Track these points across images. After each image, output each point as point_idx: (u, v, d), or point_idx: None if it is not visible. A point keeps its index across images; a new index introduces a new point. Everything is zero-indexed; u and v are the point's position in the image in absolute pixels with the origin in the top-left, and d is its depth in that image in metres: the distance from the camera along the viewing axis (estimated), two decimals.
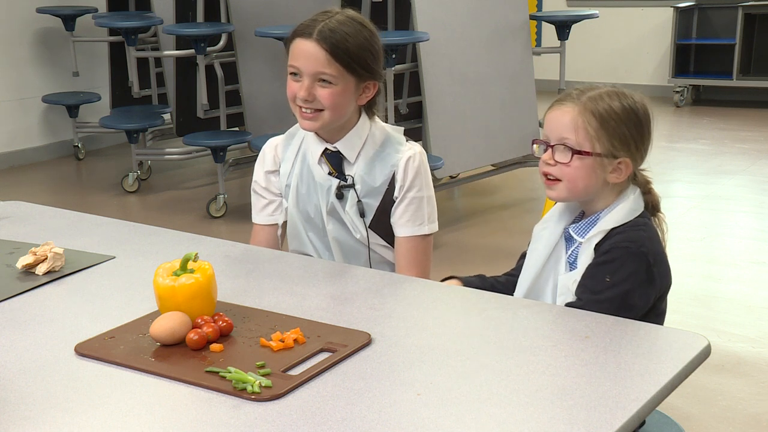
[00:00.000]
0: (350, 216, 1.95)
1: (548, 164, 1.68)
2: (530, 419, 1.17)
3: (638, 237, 1.63)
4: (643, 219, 1.68)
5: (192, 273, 1.45)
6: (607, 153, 1.65)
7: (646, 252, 1.62)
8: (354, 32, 1.87)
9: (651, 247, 1.64)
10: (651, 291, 1.64)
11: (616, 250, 1.62)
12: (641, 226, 1.66)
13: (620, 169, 1.66)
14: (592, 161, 1.64)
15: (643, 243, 1.63)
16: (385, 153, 1.95)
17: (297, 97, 1.88)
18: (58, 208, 2.23)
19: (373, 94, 1.95)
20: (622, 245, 1.62)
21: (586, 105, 1.66)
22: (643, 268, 1.62)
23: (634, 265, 1.61)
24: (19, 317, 1.55)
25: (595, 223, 1.68)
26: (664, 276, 1.67)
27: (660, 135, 6.79)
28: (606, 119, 1.65)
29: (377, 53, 1.92)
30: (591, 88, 1.71)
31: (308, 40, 1.86)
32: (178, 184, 5.63)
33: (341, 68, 1.86)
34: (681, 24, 7.68)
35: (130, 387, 1.29)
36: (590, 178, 1.65)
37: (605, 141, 1.64)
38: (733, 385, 2.87)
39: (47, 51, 6.21)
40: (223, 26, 5.13)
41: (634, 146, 1.68)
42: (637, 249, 1.62)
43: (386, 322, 1.49)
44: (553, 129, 1.68)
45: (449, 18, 4.69)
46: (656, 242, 1.67)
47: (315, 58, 1.85)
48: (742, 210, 4.83)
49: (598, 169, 1.65)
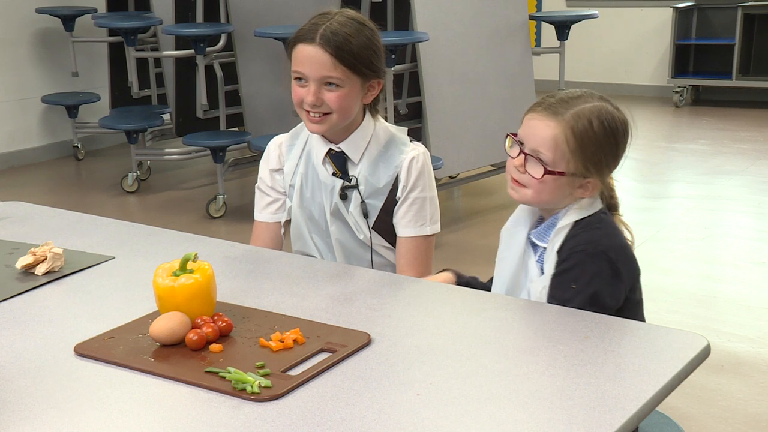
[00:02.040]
0: (354, 217, 1.95)
1: (518, 170, 1.66)
2: (530, 419, 1.17)
3: (594, 237, 1.62)
4: (598, 215, 1.66)
5: (191, 273, 1.45)
6: (579, 173, 1.63)
7: (605, 249, 1.60)
8: (355, 32, 1.87)
9: (609, 243, 1.62)
10: (619, 287, 1.62)
11: (574, 255, 1.61)
12: (595, 224, 1.64)
13: (588, 187, 1.65)
14: (562, 179, 1.63)
15: (600, 241, 1.61)
16: (389, 154, 1.95)
17: (305, 102, 1.88)
18: (58, 209, 2.22)
19: (378, 92, 1.95)
20: (579, 249, 1.61)
21: (569, 122, 1.62)
22: (606, 267, 1.60)
23: (595, 266, 1.59)
24: (18, 317, 1.55)
25: (554, 225, 1.66)
26: (629, 268, 1.64)
27: (660, 135, 6.81)
28: (585, 143, 1.62)
29: (379, 51, 1.92)
30: (577, 98, 1.66)
31: (311, 45, 1.85)
32: (178, 184, 5.63)
33: (347, 70, 1.85)
34: (680, 24, 7.69)
35: (130, 387, 1.29)
36: (557, 193, 1.64)
37: (580, 163, 1.62)
38: (732, 386, 2.87)
39: (47, 51, 6.20)
40: (223, 26, 5.13)
41: (607, 169, 1.67)
42: (594, 249, 1.60)
43: (386, 322, 1.49)
44: (530, 136, 1.65)
45: (449, 18, 4.69)
46: (614, 236, 1.65)
47: (320, 62, 1.85)
48: (742, 210, 4.83)
49: (566, 186, 1.64)
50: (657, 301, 3.58)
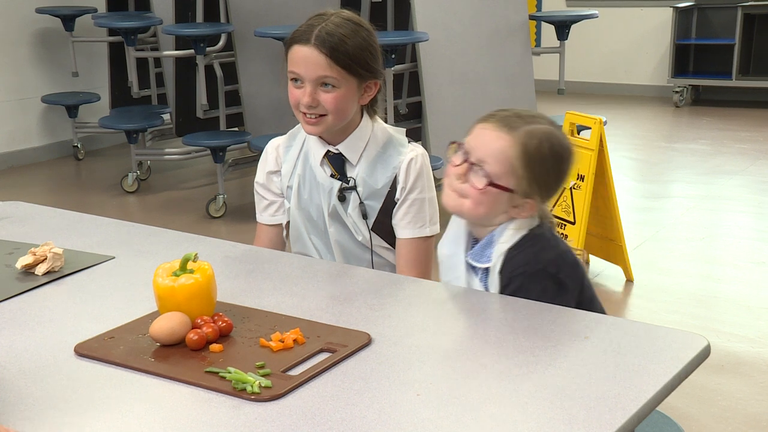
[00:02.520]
0: (353, 218, 1.95)
1: (458, 179, 1.63)
2: (530, 419, 1.17)
3: (529, 256, 1.60)
4: (530, 233, 1.63)
5: (192, 273, 1.45)
6: (521, 192, 1.61)
7: (544, 266, 1.59)
8: (351, 33, 1.87)
9: (546, 257, 1.60)
10: (566, 296, 1.60)
11: (516, 278, 1.60)
12: (528, 242, 1.61)
13: (525, 208, 1.63)
14: (503, 195, 1.61)
15: (537, 259, 1.59)
16: (387, 155, 1.95)
17: (301, 103, 1.88)
18: (58, 209, 2.22)
19: (374, 93, 1.94)
20: (519, 271, 1.59)
21: (522, 138, 1.60)
22: (549, 283, 1.58)
23: (538, 284, 1.58)
24: (18, 317, 1.55)
25: (490, 245, 1.64)
26: (572, 274, 1.63)
27: (659, 135, 6.81)
28: (534, 161, 1.60)
29: (376, 52, 1.92)
30: (530, 118, 1.64)
31: (306, 45, 1.85)
32: (178, 184, 5.63)
33: (342, 71, 1.85)
34: (680, 24, 7.69)
35: (130, 387, 1.29)
36: (494, 208, 1.62)
37: (524, 181, 1.60)
38: (732, 385, 2.87)
39: (47, 51, 6.20)
40: (223, 26, 5.13)
41: (548, 192, 1.66)
42: (533, 269, 1.59)
43: (386, 323, 1.49)
44: (478, 146, 1.62)
45: (449, 18, 4.69)
46: (549, 248, 1.62)
47: (315, 63, 1.85)
48: (742, 210, 4.83)
49: (505, 202, 1.62)
50: (657, 301, 3.58)
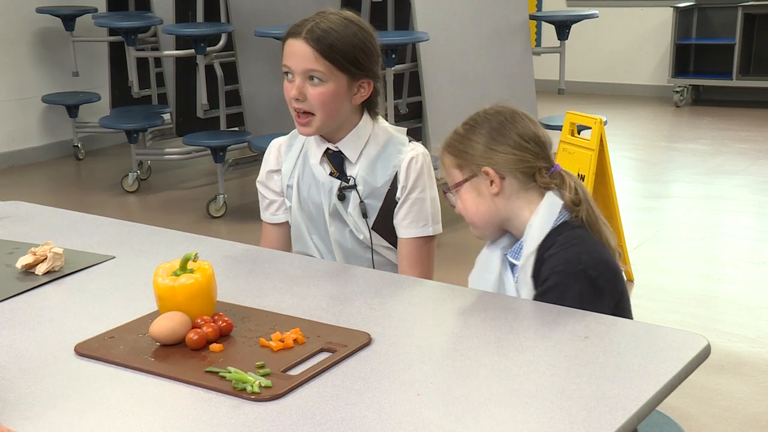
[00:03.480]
0: (353, 217, 1.95)
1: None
2: (530, 419, 1.17)
3: (572, 255, 1.59)
4: (573, 231, 1.63)
5: (192, 273, 1.45)
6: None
7: (585, 267, 1.58)
8: (342, 29, 1.86)
9: (589, 260, 1.59)
10: (603, 302, 1.59)
11: (555, 275, 1.59)
12: (573, 240, 1.61)
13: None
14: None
15: (580, 259, 1.59)
16: (387, 153, 1.95)
17: (289, 96, 1.88)
18: (58, 208, 2.22)
19: (368, 93, 1.93)
20: (560, 269, 1.59)
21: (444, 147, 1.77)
22: (588, 286, 1.58)
23: (577, 285, 1.57)
24: (18, 317, 1.55)
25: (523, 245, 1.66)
26: (613, 283, 1.62)
27: (660, 135, 6.81)
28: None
29: (370, 51, 1.90)
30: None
31: (297, 39, 1.86)
32: (178, 184, 5.63)
33: (329, 65, 1.85)
34: (681, 24, 7.69)
35: (130, 387, 1.29)
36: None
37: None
38: (732, 385, 2.87)
39: (47, 51, 6.20)
40: (223, 26, 5.13)
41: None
42: (574, 269, 1.58)
43: (386, 322, 1.49)
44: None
45: (449, 18, 4.69)
46: (594, 252, 1.62)
47: (303, 56, 1.85)
48: (742, 210, 4.83)
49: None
50: (657, 301, 3.58)
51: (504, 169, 1.67)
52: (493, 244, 1.75)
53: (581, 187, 1.69)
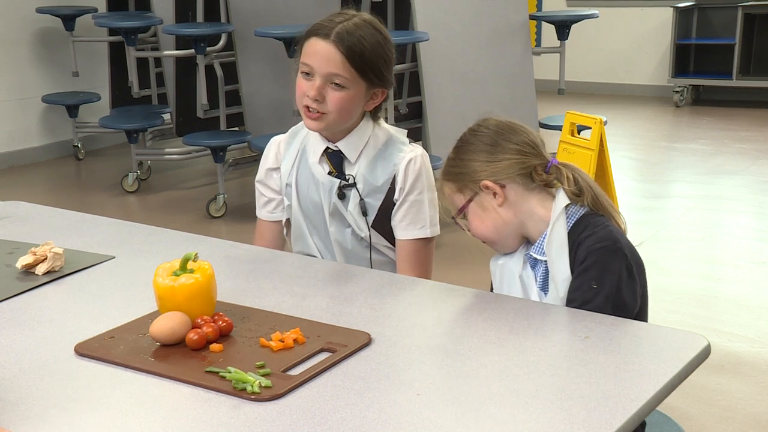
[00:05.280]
0: (353, 215, 1.94)
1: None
2: (530, 419, 1.17)
3: (609, 233, 1.61)
4: (600, 218, 1.65)
5: (192, 273, 1.45)
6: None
7: (622, 246, 1.61)
8: (370, 37, 1.86)
9: (624, 242, 1.63)
10: (635, 286, 1.61)
11: (594, 253, 1.59)
12: (605, 222, 1.64)
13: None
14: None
15: (617, 238, 1.61)
16: (388, 152, 1.95)
17: (306, 95, 1.87)
18: (58, 208, 2.22)
19: (380, 101, 1.94)
20: (598, 246, 1.59)
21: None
22: (624, 264, 1.60)
23: (616, 262, 1.59)
24: (18, 317, 1.55)
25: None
26: (639, 269, 1.65)
27: (660, 135, 6.81)
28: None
29: (389, 60, 1.91)
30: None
31: (325, 40, 1.84)
32: (178, 184, 5.63)
33: (355, 72, 1.84)
34: (681, 24, 7.69)
35: (130, 387, 1.29)
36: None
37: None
38: (733, 385, 2.87)
39: (47, 51, 6.20)
40: (223, 26, 5.13)
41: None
42: (614, 245, 1.60)
43: (386, 322, 1.49)
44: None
45: (449, 18, 4.69)
46: (623, 236, 1.65)
47: (330, 59, 1.84)
48: (742, 210, 4.83)
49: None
50: (657, 301, 3.57)
51: (502, 177, 1.68)
52: (509, 256, 1.75)
53: (582, 175, 1.69)
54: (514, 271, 1.72)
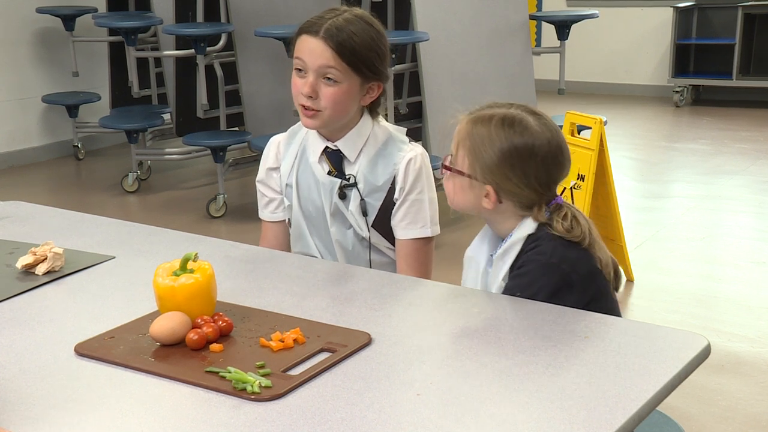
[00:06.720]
0: (354, 215, 1.94)
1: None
2: (530, 419, 1.17)
3: (553, 249, 1.59)
4: (558, 238, 1.61)
5: (192, 273, 1.45)
6: (478, 178, 1.65)
7: (558, 261, 1.58)
8: (360, 31, 1.86)
9: (565, 253, 1.59)
10: (572, 297, 1.57)
11: (528, 263, 1.60)
12: (555, 237, 1.60)
13: (490, 198, 1.65)
14: (465, 180, 1.67)
15: (554, 252, 1.59)
16: (388, 151, 1.94)
17: (300, 92, 1.88)
18: (58, 208, 2.22)
19: (377, 95, 1.93)
20: (534, 258, 1.60)
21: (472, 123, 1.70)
22: (557, 278, 1.58)
23: (545, 277, 1.58)
24: (19, 317, 1.55)
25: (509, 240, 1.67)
26: (586, 279, 1.61)
27: (660, 135, 6.81)
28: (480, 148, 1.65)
29: (383, 54, 1.91)
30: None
31: (315, 37, 1.85)
32: (178, 184, 5.63)
33: (347, 67, 1.85)
34: (681, 24, 7.68)
35: (130, 387, 1.29)
36: (462, 195, 1.70)
37: (478, 168, 1.65)
38: (733, 385, 2.87)
39: (47, 51, 6.20)
40: (223, 26, 5.13)
41: (504, 183, 1.64)
42: (547, 260, 1.58)
43: (386, 322, 1.49)
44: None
45: (449, 18, 4.69)
46: (572, 247, 1.60)
47: (320, 55, 1.84)
48: (742, 210, 4.83)
49: (469, 190, 1.68)
50: (657, 301, 3.58)
51: (505, 196, 1.65)
52: (479, 247, 1.76)
53: (583, 218, 1.65)
54: (480, 265, 1.73)
